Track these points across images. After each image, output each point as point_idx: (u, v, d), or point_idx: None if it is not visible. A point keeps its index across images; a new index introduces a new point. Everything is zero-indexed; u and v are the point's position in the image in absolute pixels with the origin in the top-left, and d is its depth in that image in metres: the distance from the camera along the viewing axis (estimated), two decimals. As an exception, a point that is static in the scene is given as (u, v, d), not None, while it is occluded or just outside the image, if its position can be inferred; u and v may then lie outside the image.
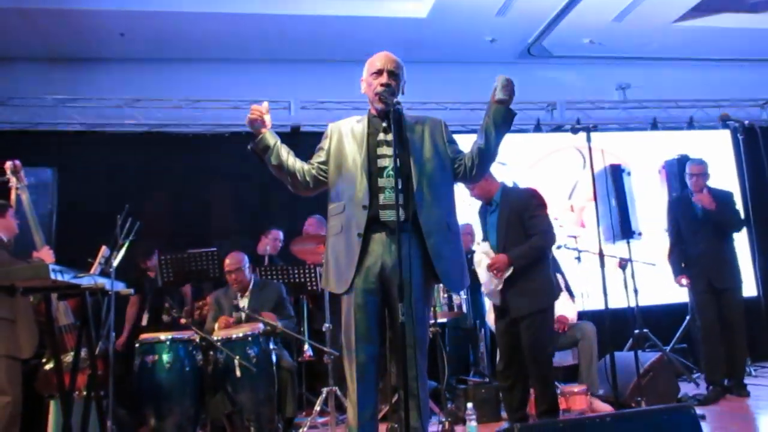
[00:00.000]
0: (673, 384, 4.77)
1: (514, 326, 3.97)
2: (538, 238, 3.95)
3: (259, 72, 7.14)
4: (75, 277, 3.13)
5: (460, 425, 4.33)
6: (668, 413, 2.50)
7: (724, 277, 4.98)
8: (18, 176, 3.86)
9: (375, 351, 2.76)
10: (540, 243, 3.96)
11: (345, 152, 2.85)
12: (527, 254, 3.92)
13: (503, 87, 2.75)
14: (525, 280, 3.93)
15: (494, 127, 2.80)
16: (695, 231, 5.06)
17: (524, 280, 3.93)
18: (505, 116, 2.78)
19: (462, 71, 7.24)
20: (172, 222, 6.44)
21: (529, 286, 3.93)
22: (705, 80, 7.92)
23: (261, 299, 4.62)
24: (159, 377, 3.89)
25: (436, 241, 2.74)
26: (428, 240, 2.72)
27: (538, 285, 3.96)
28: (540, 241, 3.96)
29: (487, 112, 2.82)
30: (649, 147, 7.30)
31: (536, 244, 3.95)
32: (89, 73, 6.86)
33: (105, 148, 6.58)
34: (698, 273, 5.04)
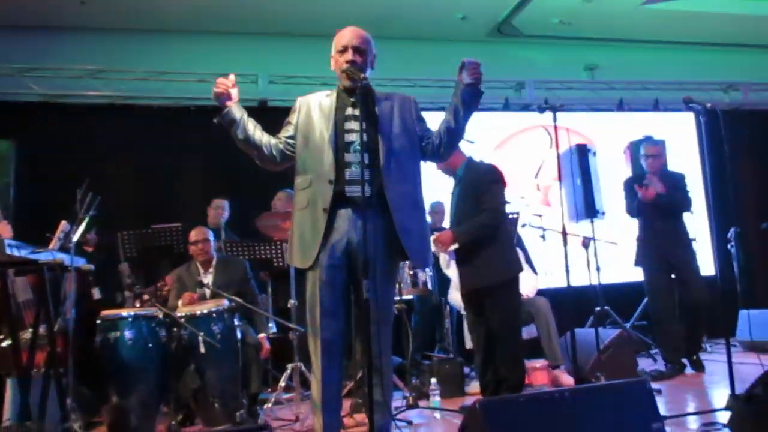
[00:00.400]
0: (632, 359, 4.87)
1: (481, 315, 4.00)
2: (485, 215, 3.94)
3: (226, 45, 7.01)
4: (33, 253, 3.07)
5: (423, 400, 4.38)
6: (624, 387, 2.57)
7: (678, 253, 5.06)
8: None
9: (340, 327, 2.77)
10: (485, 221, 3.94)
11: (313, 126, 2.83)
12: (471, 231, 3.93)
13: (469, 72, 2.74)
14: (475, 256, 3.95)
15: (462, 106, 2.80)
16: (651, 209, 5.10)
17: (474, 257, 3.96)
18: (472, 96, 2.79)
19: (432, 48, 7.22)
20: (136, 197, 6.33)
21: (477, 263, 3.94)
22: (671, 63, 8.05)
23: (225, 276, 4.57)
24: (121, 354, 3.83)
25: (403, 217, 2.74)
26: (395, 216, 2.72)
27: (486, 261, 3.93)
28: (485, 219, 3.94)
29: (455, 91, 2.82)
30: (615, 128, 7.39)
31: (481, 221, 3.93)
32: (50, 42, 6.65)
33: (66, 120, 6.41)
34: (653, 251, 5.13)
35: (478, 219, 3.94)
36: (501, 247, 4.00)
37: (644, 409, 2.47)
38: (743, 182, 7.85)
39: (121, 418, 3.78)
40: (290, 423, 3.96)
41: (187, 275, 4.58)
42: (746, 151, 7.92)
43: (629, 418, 2.45)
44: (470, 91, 2.78)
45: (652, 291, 5.20)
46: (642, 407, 2.47)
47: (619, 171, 6.46)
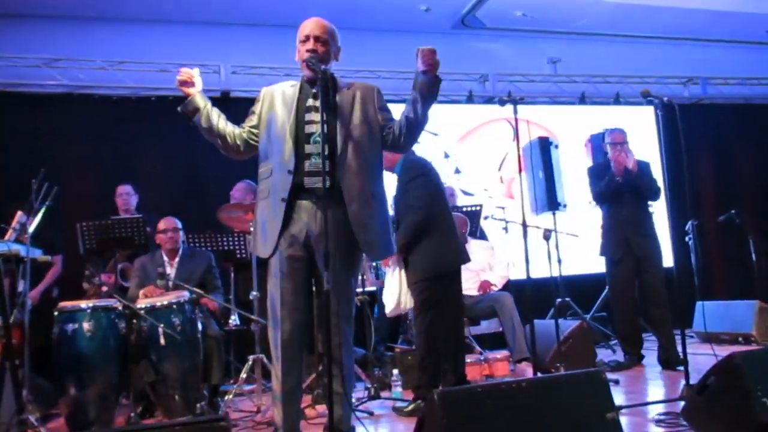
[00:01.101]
0: (592, 350, 4.96)
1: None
2: (408, 216, 3.90)
3: (188, 34, 6.91)
4: (-14, 244, 3.00)
5: (386, 391, 4.41)
6: (581, 377, 2.62)
7: (642, 243, 5.00)
8: None
9: (300, 319, 2.77)
10: (408, 222, 3.88)
11: (275, 116, 2.83)
12: (401, 237, 3.87)
13: (422, 58, 2.74)
14: (410, 254, 3.95)
15: (420, 96, 2.80)
16: (616, 198, 5.05)
17: (409, 256, 3.95)
18: (430, 85, 2.78)
19: (396, 40, 7.20)
20: (94, 187, 6.21)
21: (411, 259, 3.95)
22: (632, 57, 8.15)
23: (189, 268, 4.54)
24: (80, 346, 3.78)
25: (357, 208, 2.74)
26: (349, 208, 2.73)
27: (415, 258, 3.93)
28: (408, 220, 3.89)
29: (414, 82, 2.83)
30: (577, 121, 7.49)
31: (406, 223, 3.89)
32: (7, 30, 6.47)
33: (22, 110, 6.25)
34: (618, 240, 5.07)
35: (404, 222, 3.91)
36: (431, 242, 3.91)
37: (600, 399, 2.52)
38: (701, 175, 8.03)
39: (79, 410, 3.74)
40: (251, 414, 3.96)
41: (150, 265, 4.54)
42: (705, 144, 8.09)
43: (585, 407, 2.49)
44: (427, 79, 2.76)
45: (614, 281, 5.21)
46: (598, 397, 2.52)
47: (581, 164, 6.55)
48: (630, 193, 5.00)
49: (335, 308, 2.61)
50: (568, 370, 4.45)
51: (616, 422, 2.45)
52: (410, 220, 3.87)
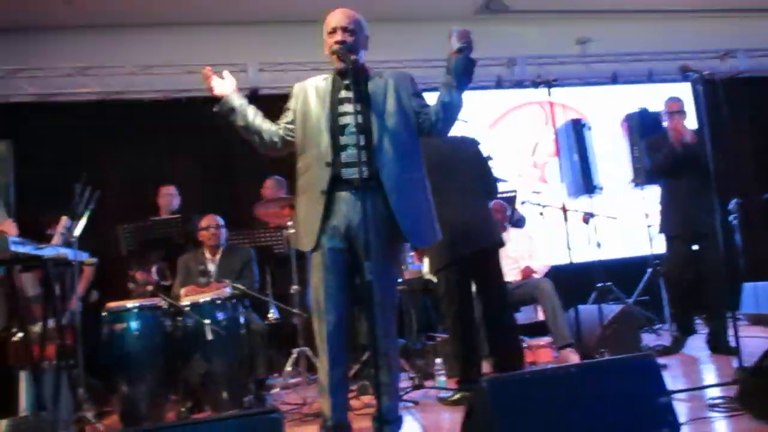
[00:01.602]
0: (636, 335, 4.89)
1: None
2: None
3: (214, 35, 6.97)
4: (36, 249, 3.08)
5: (429, 380, 4.42)
6: (631, 362, 2.58)
7: (705, 220, 4.51)
8: None
9: (344, 311, 2.78)
10: None
11: (309, 111, 2.84)
12: None
13: (458, 36, 2.73)
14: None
15: (455, 78, 2.78)
16: (675, 171, 4.71)
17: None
18: (465, 66, 2.76)
19: (420, 28, 7.16)
20: (131, 190, 6.32)
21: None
22: (665, 33, 7.96)
23: (230, 264, 4.62)
24: (128, 345, 3.87)
25: (399, 197, 2.73)
26: (390, 197, 2.72)
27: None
28: None
29: (447, 67, 2.81)
30: (610, 101, 7.38)
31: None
32: (38, 42, 6.62)
33: (59, 118, 6.40)
34: (678, 215, 4.74)
35: None
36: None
37: (651, 384, 2.48)
38: (743, 152, 7.82)
39: (131, 407, 3.83)
40: (298, 407, 3.99)
41: (193, 262, 4.62)
42: (746, 120, 7.84)
43: (635, 392, 2.45)
44: (461, 61, 2.75)
45: (670, 258, 4.90)
46: (648, 382, 2.48)
47: (615, 146, 6.47)
48: (691, 165, 4.58)
49: (378, 299, 2.62)
50: (612, 355, 4.40)
51: (669, 407, 2.41)
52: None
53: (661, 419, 2.39)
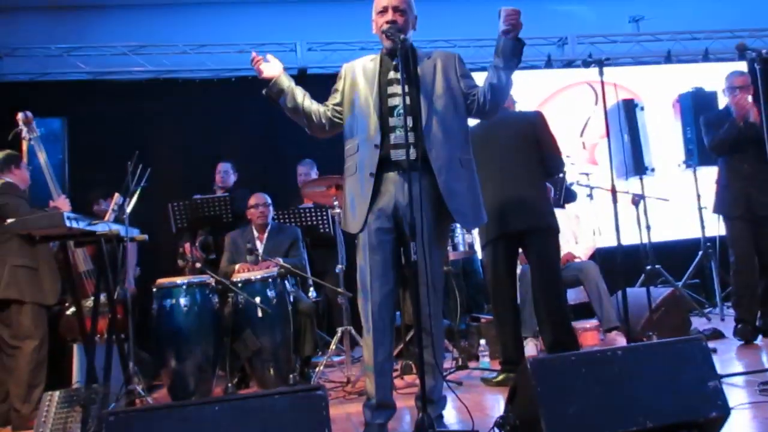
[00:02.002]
0: (685, 319, 4.80)
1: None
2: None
3: (263, 14, 7.02)
4: (90, 225, 3.17)
5: (473, 361, 4.42)
6: (679, 345, 2.53)
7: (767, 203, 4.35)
8: (30, 127, 3.88)
9: (390, 289, 2.79)
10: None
11: (358, 92, 2.84)
12: None
13: (505, 18, 2.68)
14: None
15: (503, 60, 2.74)
16: (737, 148, 4.43)
17: None
18: (513, 48, 2.72)
19: (469, 7, 7.06)
20: (182, 168, 6.44)
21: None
22: (721, 10, 7.71)
23: (277, 242, 4.69)
24: (177, 321, 3.97)
25: (447, 178, 2.72)
26: (439, 178, 2.71)
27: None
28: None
29: (496, 48, 2.77)
30: (663, 81, 7.17)
31: None
32: (92, 21, 6.78)
33: (113, 96, 6.55)
34: (737, 196, 4.45)
35: None
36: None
37: (700, 368, 2.42)
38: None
39: (180, 381, 3.94)
40: (342, 385, 4.04)
41: (241, 240, 4.70)
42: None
43: (684, 376, 2.40)
44: (509, 43, 2.71)
45: (732, 239, 4.54)
46: (697, 365, 2.42)
47: (668, 126, 6.30)
48: (754, 145, 4.27)
49: (425, 279, 2.62)
50: (660, 339, 4.33)
51: (718, 390, 2.36)
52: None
53: (710, 403, 2.34)
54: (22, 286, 3.70)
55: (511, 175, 3.81)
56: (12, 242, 3.71)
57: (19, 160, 4.01)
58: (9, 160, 3.96)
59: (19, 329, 3.69)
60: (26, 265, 3.72)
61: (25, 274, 3.72)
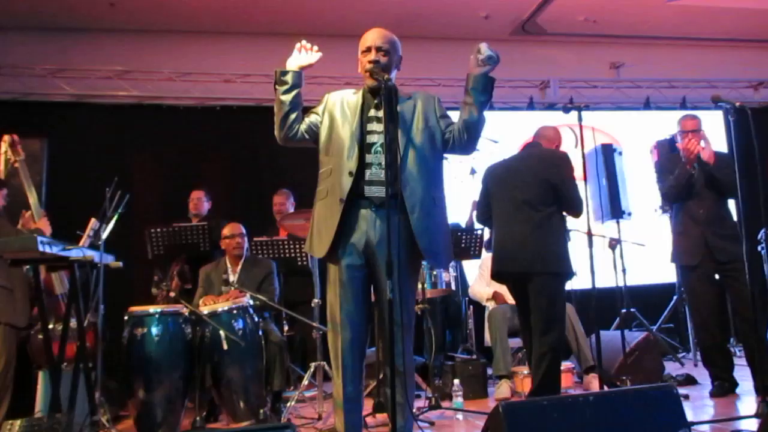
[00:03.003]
0: (659, 363, 4.82)
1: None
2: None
3: (251, 45, 7.05)
4: (63, 250, 3.13)
5: (446, 401, 4.38)
6: (651, 392, 2.54)
7: (727, 247, 4.18)
8: (15, 150, 3.86)
9: (360, 327, 2.78)
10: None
11: (337, 121, 2.86)
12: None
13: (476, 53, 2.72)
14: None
15: (473, 95, 2.77)
16: (690, 193, 4.33)
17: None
18: (483, 83, 2.75)
19: (456, 47, 7.17)
20: (162, 194, 6.42)
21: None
22: (699, 60, 7.93)
23: (251, 274, 4.63)
24: (148, 350, 3.88)
25: (420, 216, 2.73)
26: (411, 215, 2.71)
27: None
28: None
29: (466, 85, 2.80)
30: (642, 126, 7.32)
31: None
32: (79, 43, 6.78)
33: (95, 120, 6.55)
34: (696, 243, 4.28)
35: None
36: (493, 243, 4.11)
37: (671, 415, 2.44)
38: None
39: (147, 412, 3.84)
40: (313, 421, 3.99)
41: (214, 273, 4.64)
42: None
43: (655, 423, 2.42)
44: (479, 78, 2.75)
45: (691, 292, 4.43)
46: (669, 413, 2.45)
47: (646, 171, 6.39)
48: (707, 188, 4.27)
49: (396, 317, 2.60)
50: (634, 382, 4.34)
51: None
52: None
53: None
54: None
55: (522, 214, 3.84)
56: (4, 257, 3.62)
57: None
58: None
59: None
60: (2, 285, 3.65)
61: (1, 294, 3.64)
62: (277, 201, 5.72)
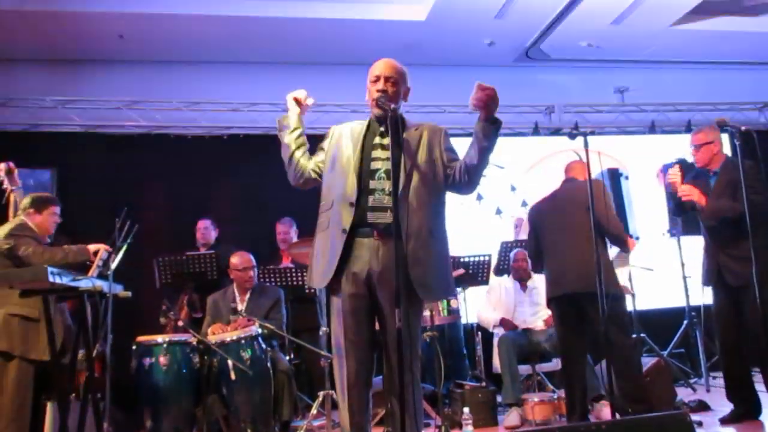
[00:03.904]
0: (670, 389, 4.76)
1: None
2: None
3: (257, 74, 7.14)
4: (73, 280, 3.15)
5: (456, 429, 4.34)
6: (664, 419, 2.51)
7: (739, 271, 4.02)
8: (11, 178, 3.87)
9: (366, 356, 2.76)
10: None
11: (341, 151, 2.88)
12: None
13: (474, 97, 2.70)
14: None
15: (477, 141, 2.78)
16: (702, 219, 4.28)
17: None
18: (484, 131, 2.74)
19: (461, 74, 7.22)
20: (171, 222, 6.45)
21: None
22: (703, 83, 7.95)
23: (258, 303, 4.64)
24: (156, 379, 3.90)
25: (415, 246, 2.72)
26: (407, 245, 2.69)
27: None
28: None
29: (475, 129, 2.80)
30: (648, 150, 7.32)
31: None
32: (89, 74, 6.88)
33: (104, 150, 6.60)
34: (712, 268, 4.22)
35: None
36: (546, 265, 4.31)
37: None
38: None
39: (155, 443, 3.83)
40: (322, 450, 3.96)
41: (222, 302, 4.64)
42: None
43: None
44: (480, 125, 2.74)
45: (714, 315, 4.35)
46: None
47: (653, 195, 6.39)
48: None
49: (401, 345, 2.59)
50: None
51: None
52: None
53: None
54: (14, 337, 3.60)
55: (573, 241, 4.05)
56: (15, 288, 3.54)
57: (43, 206, 3.96)
58: (32, 203, 3.91)
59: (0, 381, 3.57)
60: (24, 315, 3.62)
61: (19, 325, 3.61)
62: (281, 230, 5.75)
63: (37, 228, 3.92)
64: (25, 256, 3.61)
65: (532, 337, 5.02)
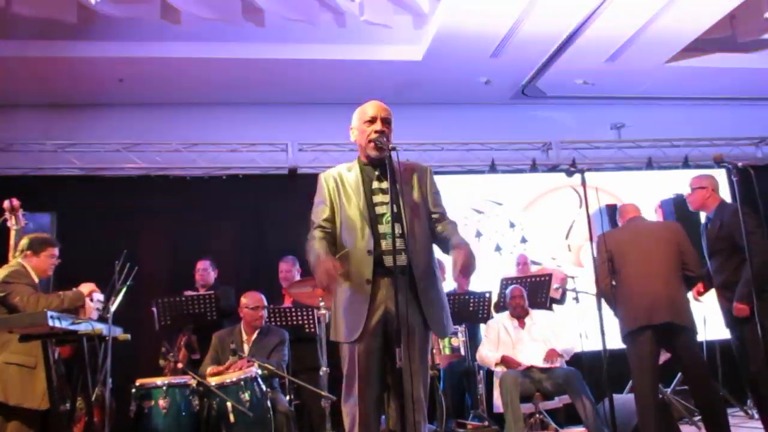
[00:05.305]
0: (674, 427, 4.70)
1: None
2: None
3: (256, 115, 7.22)
4: (73, 324, 3.13)
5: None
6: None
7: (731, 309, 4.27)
8: (16, 215, 3.87)
9: (376, 395, 2.76)
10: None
11: (344, 201, 2.88)
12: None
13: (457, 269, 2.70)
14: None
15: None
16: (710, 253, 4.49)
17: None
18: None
19: (457, 112, 7.32)
20: (170, 263, 6.44)
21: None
22: (699, 119, 7.99)
23: (263, 344, 4.65)
24: (156, 422, 3.86)
25: (426, 285, 2.77)
26: (419, 285, 2.74)
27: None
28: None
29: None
30: (645, 186, 7.35)
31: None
32: (89, 118, 6.95)
33: (104, 192, 6.63)
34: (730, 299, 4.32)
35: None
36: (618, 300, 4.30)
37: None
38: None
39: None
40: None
41: (228, 340, 4.61)
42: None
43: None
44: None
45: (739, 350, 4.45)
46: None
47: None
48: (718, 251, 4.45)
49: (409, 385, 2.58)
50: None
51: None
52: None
53: None
54: (8, 386, 3.54)
55: (658, 273, 4.19)
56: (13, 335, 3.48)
57: (41, 247, 3.94)
58: (30, 244, 3.90)
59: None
60: (20, 363, 3.57)
61: (16, 373, 3.56)
62: (284, 268, 5.73)
63: (34, 270, 3.90)
64: (20, 306, 3.56)
65: (534, 374, 4.98)
